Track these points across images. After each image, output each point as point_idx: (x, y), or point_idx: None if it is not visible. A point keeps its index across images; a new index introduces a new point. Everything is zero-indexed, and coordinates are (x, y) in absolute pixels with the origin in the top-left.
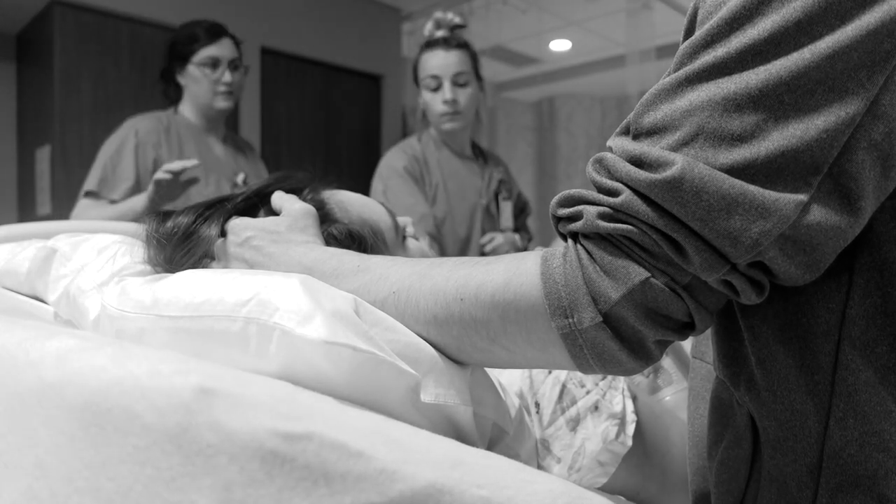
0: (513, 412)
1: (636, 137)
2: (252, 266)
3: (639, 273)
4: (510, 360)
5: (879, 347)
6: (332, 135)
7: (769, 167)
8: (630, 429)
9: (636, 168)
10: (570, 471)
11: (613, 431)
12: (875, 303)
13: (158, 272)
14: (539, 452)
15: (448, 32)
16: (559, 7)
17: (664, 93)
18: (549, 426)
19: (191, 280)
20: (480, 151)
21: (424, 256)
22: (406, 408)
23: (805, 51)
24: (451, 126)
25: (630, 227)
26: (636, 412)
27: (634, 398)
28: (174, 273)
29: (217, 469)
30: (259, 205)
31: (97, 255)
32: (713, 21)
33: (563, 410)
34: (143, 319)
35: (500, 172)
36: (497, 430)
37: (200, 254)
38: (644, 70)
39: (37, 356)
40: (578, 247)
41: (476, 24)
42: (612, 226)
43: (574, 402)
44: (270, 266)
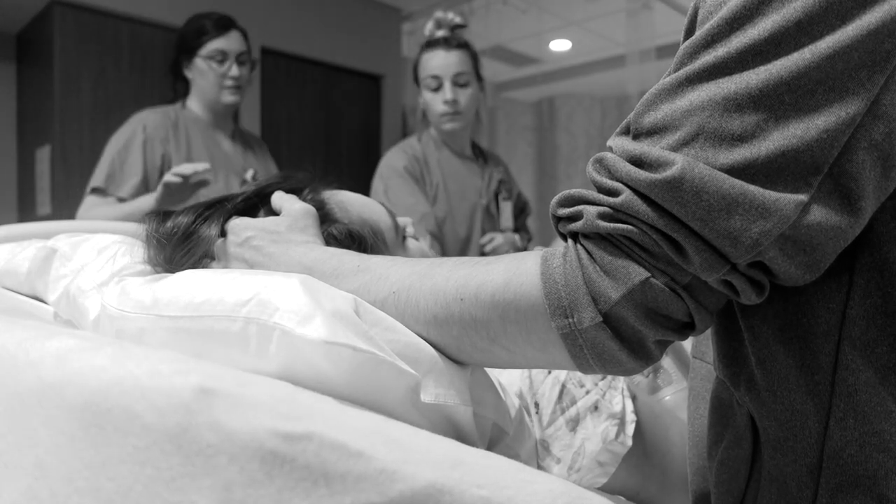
0: (513, 412)
1: (636, 137)
2: (252, 266)
3: (639, 273)
4: (510, 360)
5: (880, 348)
6: (332, 135)
7: (769, 167)
8: (630, 429)
9: (636, 168)
10: (570, 471)
11: (613, 431)
12: (875, 303)
13: (158, 272)
14: (539, 453)
15: (449, 32)
16: (559, 7)
17: (664, 93)
18: (549, 426)
19: (191, 280)
20: (480, 151)
21: (424, 256)
22: (406, 408)
23: (805, 51)
24: (452, 126)
25: (630, 227)
26: (636, 412)
27: (634, 398)
28: (174, 273)
29: (217, 469)
30: (259, 205)
31: (97, 255)
32: (713, 21)
33: (563, 410)
34: (143, 319)
35: (500, 172)
36: (497, 431)
37: (200, 254)
38: (644, 70)
39: (37, 356)
40: (578, 247)
41: (476, 24)
42: (613, 226)
43: (574, 403)
44: (270, 266)
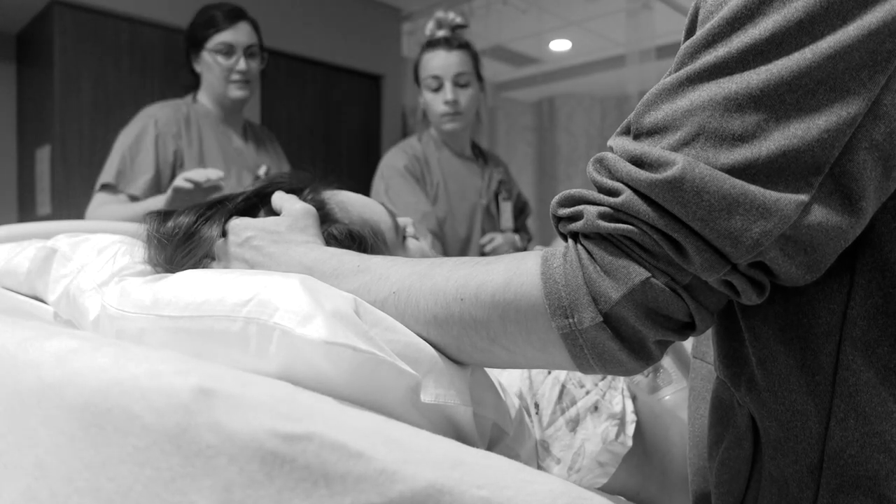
0: (513, 412)
1: (637, 137)
2: (252, 266)
3: (639, 273)
4: (510, 361)
5: (881, 348)
6: (332, 135)
7: (770, 167)
8: (630, 429)
9: (637, 168)
10: (570, 471)
11: (613, 432)
12: (876, 303)
13: (158, 272)
14: (539, 453)
15: (449, 32)
16: (559, 7)
17: (665, 92)
18: (549, 427)
19: (191, 280)
20: (480, 152)
21: (424, 256)
22: (406, 408)
23: (806, 50)
24: (452, 126)
25: (630, 227)
26: (636, 412)
27: (634, 398)
28: (174, 273)
29: (217, 470)
30: (259, 205)
31: (97, 255)
32: (714, 21)
33: (563, 411)
34: (143, 319)
35: (500, 173)
36: (497, 431)
37: (201, 254)
38: (644, 70)
39: (37, 356)
40: (579, 247)
41: (476, 24)
42: (613, 226)
43: (574, 403)
44: (271, 266)
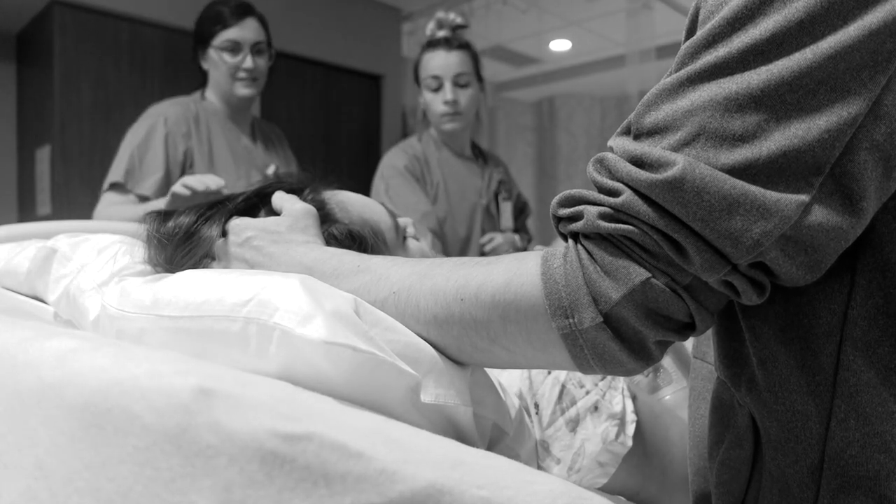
0: (513, 413)
1: (637, 137)
2: (252, 266)
3: (639, 273)
4: (510, 361)
5: (881, 348)
6: (332, 135)
7: (771, 167)
8: (630, 429)
9: (637, 168)
10: (570, 471)
11: (613, 432)
12: (877, 303)
13: (159, 272)
14: (539, 453)
15: (450, 33)
16: (559, 7)
17: (665, 93)
18: (549, 427)
19: (191, 280)
20: (480, 152)
21: (425, 256)
22: (406, 408)
23: (807, 51)
24: (452, 126)
25: (631, 228)
26: (636, 412)
27: (634, 398)
28: (174, 273)
29: (217, 470)
30: (259, 205)
31: (97, 255)
32: (715, 21)
33: (563, 411)
34: (143, 319)
35: (500, 173)
36: (497, 431)
37: (201, 254)
38: (644, 70)
39: (37, 356)
40: (579, 247)
41: (476, 24)
42: (613, 226)
43: (573, 403)
44: (271, 266)
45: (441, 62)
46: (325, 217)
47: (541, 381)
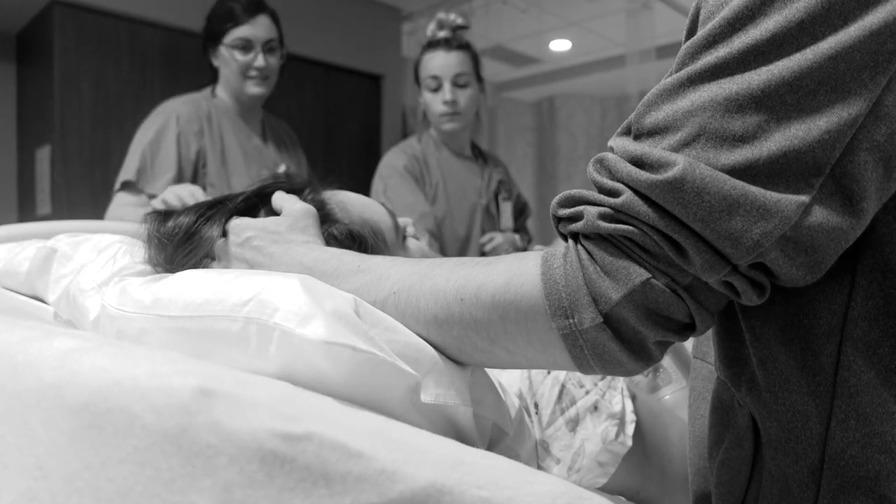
0: (513, 413)
1: (637, 138)
2: (252, 266)
3: (639, 274)
4: (510, 361)
5: (882, 349)
6: (332, 135)
7: (771, 168)
8: (629, 429)
9: (637, 168)
10: (570, 471)
11: (613, 431)
12: (877, 304)
13: (158, 272)
14: (538, 453)
15: (450, 33)
16: (559, 7)
17: (666, 93)
18: (549, 427)
19: (191, 280)
20: (480, 152)
21: (425, 256)
22: (406, 408)
23: (807, 51)
24: (451, 126)
25: (631, 228)
26: (635, 412)
27: (633, 398)
28: (174, 273)
29: (217, 470)
30: (259, 205)
31: (97, 255)
32: (715, 21)
33: (563, 411)
34: (143, 319)
35: (500, 173)
36: (497, 431)
37: (201, 254)
38: (644, 70)
39: (37, 356)
40: (579, 247)
41: (476, 24)
42: (613, 226)
43: (573, 403)
44: (271, 266)
45: (441, 62)
46: (325, 217)
47: (540, 381)
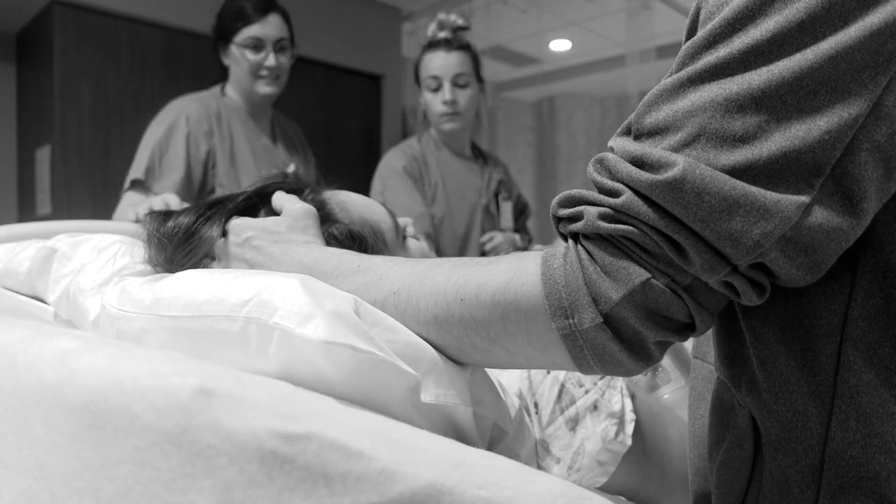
0: (513, 412)
1: (637, 138)
2: (252, 266)
3: (639, 274)
4: (510, 361)
5: (882, 349)
6: (332, 135)
7: (771, 168)
8: (629, 428)
9: (637, 169)
10: (570, 471)
11: (612, 431)
12: (878, 304)
13: (158, 272)
14: (538, 453)
15: (451, 34)
16: (559, 7)
17: (666, 93)
18: (548, 426)
19: (191, 280)
20: (480, 152)
21: (425, 256)
22: (406, 408)
23: (808, 51)
24: (451, 126)
25: (631, 228)
26: (635, 411)
27: (633, 397)
28: (174, 273)
29: (217, 470)
30: (260, 205)
31: (97, 255)
32: (715, 21)
33: (562, 410)
34: (144, 319)
35: (500, 173)
36: (497, 431)
37: (201, 254)
38: (644, 70)
39: (36, 356)
40: (579, 247)
41: (476, 25)
42: (613, 226)
43: (573, 402)
44: (271, 266)
45: (440, 62)
46: (326, 217)
47: (540, 381)
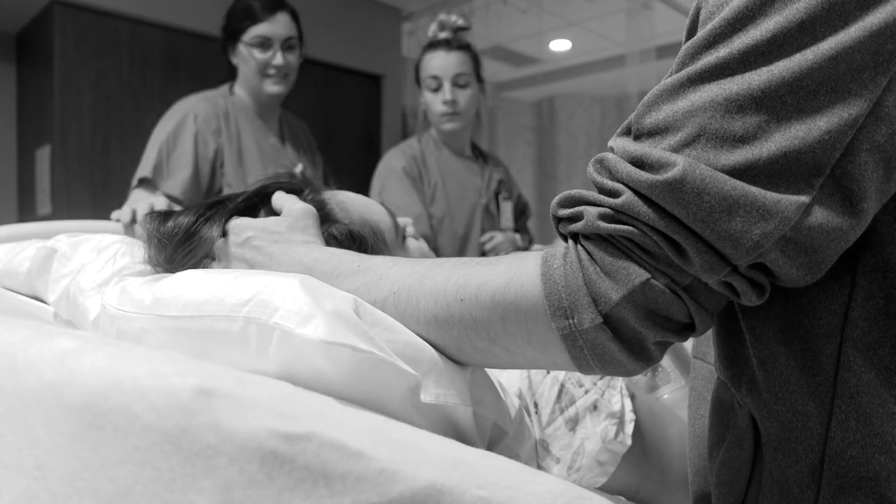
0: (513, 412)
1: (637, 138)
2: (252, 266)
3: (639, 274)
4: (510, 361)
5: (882, 349)
6: (332, 135)
7: (771, 168)
8: (629, 428)
9: (637, 169)
10: (570, 471)
11: (612, 431)
12: (878, 304)
13: (158, 272)
14: (538, 453)
15: (451, 34)
16: (559, 7)
17: (666, 93)
18: (548, 426)
19: (191, 280)
20: (480, 152)
21: (425, 256)
22: (406, 408)
23: (808, 52)
24: (451, 126)
25: (631, 229)
26: (634, 411)
27: (632, 397)
28: (174, 273)
29: (217, 470)
30: (259, 205)
31: (97, 255)
32: (715, 21)
33: (562, 410)
34: (144, 319)
35: (500, 173)
36: (497, 431)
37: (201, 254)
38: (644, 70)
39: (37, 356)
40: (579, 247)
41: (476, 25)
42: (613, 227)
43: (573, 402)
44: (271, 266)
45: (441, 63)
46: (325, 217)
47: (540, 381)
